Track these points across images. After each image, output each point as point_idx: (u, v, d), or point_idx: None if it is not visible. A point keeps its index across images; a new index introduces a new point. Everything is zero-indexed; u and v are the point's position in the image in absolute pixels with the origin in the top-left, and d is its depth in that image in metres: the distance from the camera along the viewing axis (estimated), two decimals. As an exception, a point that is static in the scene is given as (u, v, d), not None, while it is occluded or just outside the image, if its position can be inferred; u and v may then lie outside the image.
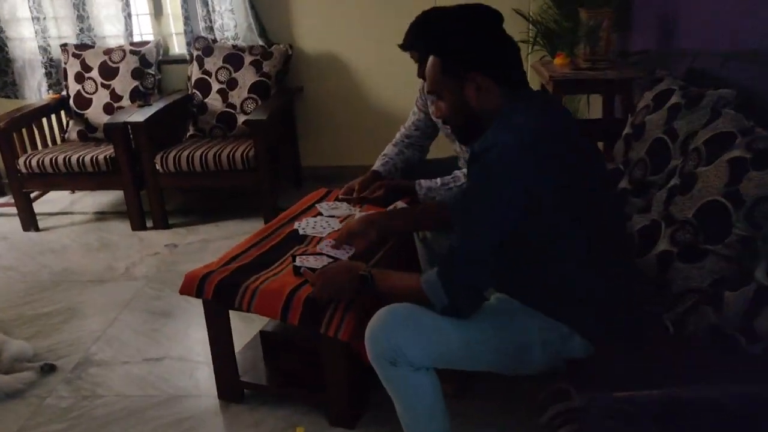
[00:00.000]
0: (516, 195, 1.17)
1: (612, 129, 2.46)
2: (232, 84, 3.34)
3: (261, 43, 3.43)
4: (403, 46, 1.93)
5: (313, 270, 1.65)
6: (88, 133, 3.47)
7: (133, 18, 3.60)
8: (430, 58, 1.31)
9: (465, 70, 1.26)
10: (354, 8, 3.47)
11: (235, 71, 3.33)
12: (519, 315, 1.28)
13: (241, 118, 3.30)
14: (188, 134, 3.40)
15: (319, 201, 2.25)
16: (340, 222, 2.06)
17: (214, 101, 3.36)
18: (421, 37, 1.85)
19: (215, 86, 3.36)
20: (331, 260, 1.72)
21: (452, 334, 1.24)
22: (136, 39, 3.64)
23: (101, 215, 3.50)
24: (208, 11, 3.41)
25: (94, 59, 3.46)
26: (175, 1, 3.53)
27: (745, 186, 1.52)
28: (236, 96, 3.33)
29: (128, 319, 2.41)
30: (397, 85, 3.61)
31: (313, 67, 3.58)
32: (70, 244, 3.14)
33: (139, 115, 3.07)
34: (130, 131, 3.07)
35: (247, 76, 3.32)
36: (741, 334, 1.28)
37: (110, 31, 3.60)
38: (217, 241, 3.05)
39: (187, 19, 3.46)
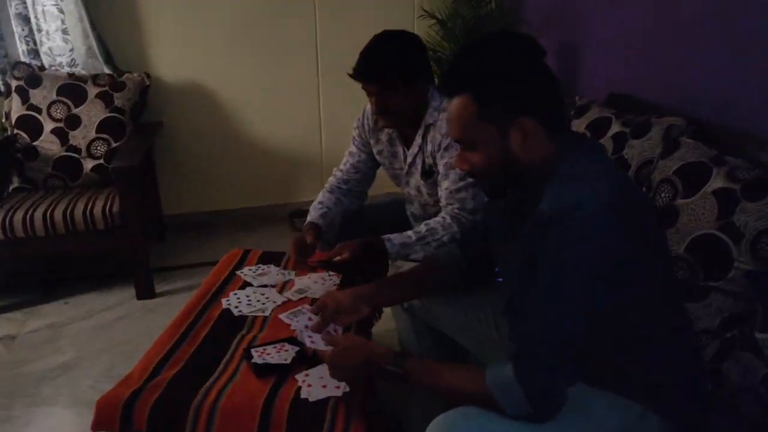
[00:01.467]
0: (607, 264, 1.00)
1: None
2: (72, 122, 2.75)
3: (108, 71, 2.89)
4: (361, 77, 1.68)
5: (274, 368, 1.32)
6: None
7: None
8: (459, 101, 1.09)
9: (513, 115, 1.06)
10: (222, 30, 3.10)
11: (76, 106, 2.76)
12: (592, 402, 1.10)
13: (89, 164, 2.74)
14: (12, 187, 2.73)
15: (238, 266, 1.87)
16: (278, 291, 1.72)
17: (48, 144, 2.74)
18: (385, 68, 1.63)
19: (48, 125, 2.74)
20: (297, 350, 1.39)
21: (533, 443, 1.01)
22: None
23: None
24: (30, 30, 2.79)
25: None
26: (-22, 17, 2.85)
27: (739, 218, 1.51)
28: (80, 137, 2.75)
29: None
30: (276, 117, 3.32)
31: (174, 99, 3.13)
32: None
33: (-57, 168, 2.38)
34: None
35: (93, 112, 2.76)
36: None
37: None
38: (73, 324, 2.45)
39: (0, 39, 2.80)
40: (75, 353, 2.25)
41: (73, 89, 2.77)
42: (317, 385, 1.30)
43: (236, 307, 1.63)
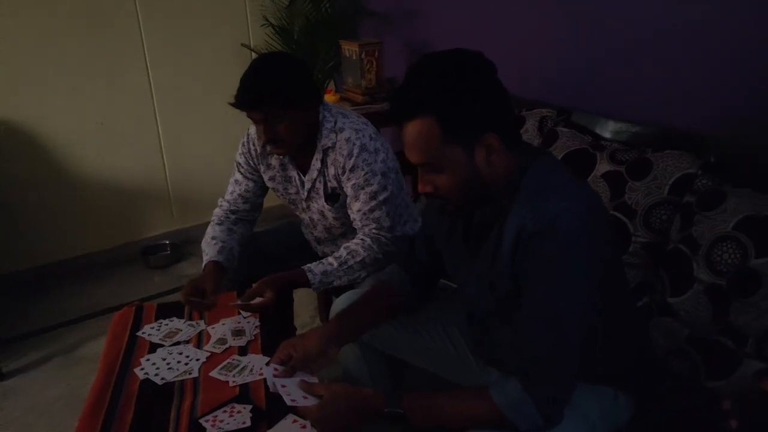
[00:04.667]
0: (596, 269, 1.07)
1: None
2: None
3: None
4: (243, 105, 1.58)
5: None
6: None
7: None
8: (419, 124, 1.07)
9: (478, 133, 1.08)
10: (28, 59, 2.75)
11: None
12: (576, 396, 1.18)
13: None
14: None
15: (136, 328, 1.68)
16: (194, 346, 1.58)
17: None
18: (267, 93, 1.56)
19: None
20: (250, 407, 1.30)
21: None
22: None
23: None
24: None
25: None
26: None
27: (630, 197, 1.71)
28: None
29: None
30: (111, 149, 3.05)
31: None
32: None
33: None
34: None
35: None
36: (727, 337, 1.42)
37: None
38: None
39: None
40: None
41: None
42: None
43: (156, 374, 1.46)
